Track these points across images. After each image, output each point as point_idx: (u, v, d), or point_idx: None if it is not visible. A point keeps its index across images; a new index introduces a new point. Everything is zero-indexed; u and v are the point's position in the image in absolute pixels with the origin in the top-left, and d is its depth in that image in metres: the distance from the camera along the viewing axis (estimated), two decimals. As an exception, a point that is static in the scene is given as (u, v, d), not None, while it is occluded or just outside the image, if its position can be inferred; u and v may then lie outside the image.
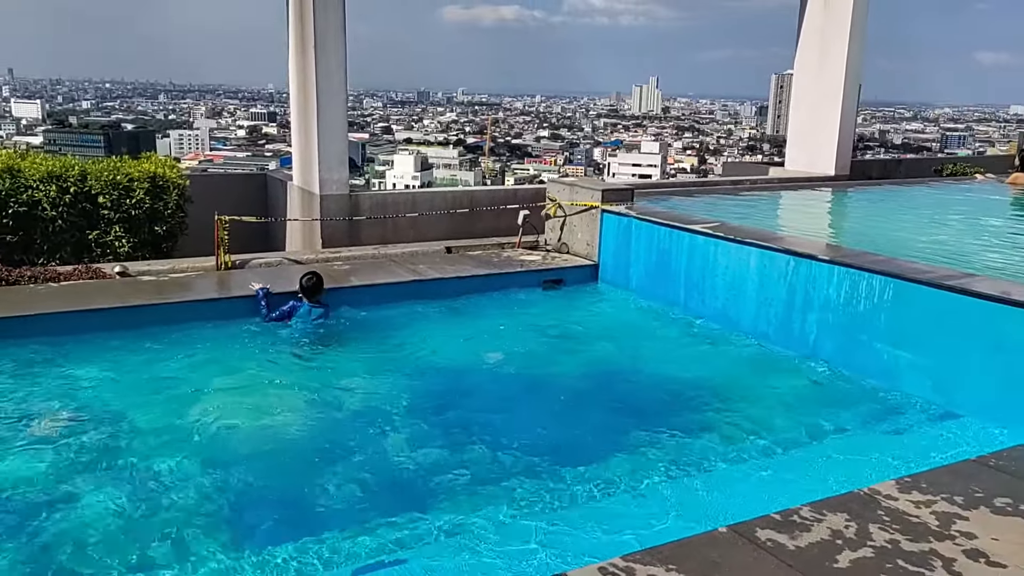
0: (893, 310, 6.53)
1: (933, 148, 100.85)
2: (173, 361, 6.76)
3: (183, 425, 5.66)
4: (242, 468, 5.13)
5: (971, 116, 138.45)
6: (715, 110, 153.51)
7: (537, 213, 10.43)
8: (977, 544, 3.55)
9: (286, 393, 6.32)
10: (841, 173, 13.65)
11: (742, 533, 3.58)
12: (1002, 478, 4.19)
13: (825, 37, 13.54)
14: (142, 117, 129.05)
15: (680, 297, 8.62)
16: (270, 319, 7.69)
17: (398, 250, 9.91)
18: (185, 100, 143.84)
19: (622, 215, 9.40)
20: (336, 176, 10.73)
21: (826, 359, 7.01)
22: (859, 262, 6.88)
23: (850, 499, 3.95)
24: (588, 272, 9.67)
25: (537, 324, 8.24)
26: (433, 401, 6.26)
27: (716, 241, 8.16)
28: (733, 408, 6.23)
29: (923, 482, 4.13)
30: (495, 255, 9.97)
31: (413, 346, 7.42)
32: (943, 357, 6.18)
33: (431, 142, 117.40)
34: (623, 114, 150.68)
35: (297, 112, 11.26)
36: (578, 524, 4.49)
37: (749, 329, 7.79)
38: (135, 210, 9.43)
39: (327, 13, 10.31)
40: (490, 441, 5.50)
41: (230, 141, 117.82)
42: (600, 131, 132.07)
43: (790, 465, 5.29)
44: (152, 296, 7.81)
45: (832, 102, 13.52)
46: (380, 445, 5.48)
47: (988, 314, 5.86)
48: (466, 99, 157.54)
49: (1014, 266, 7.80)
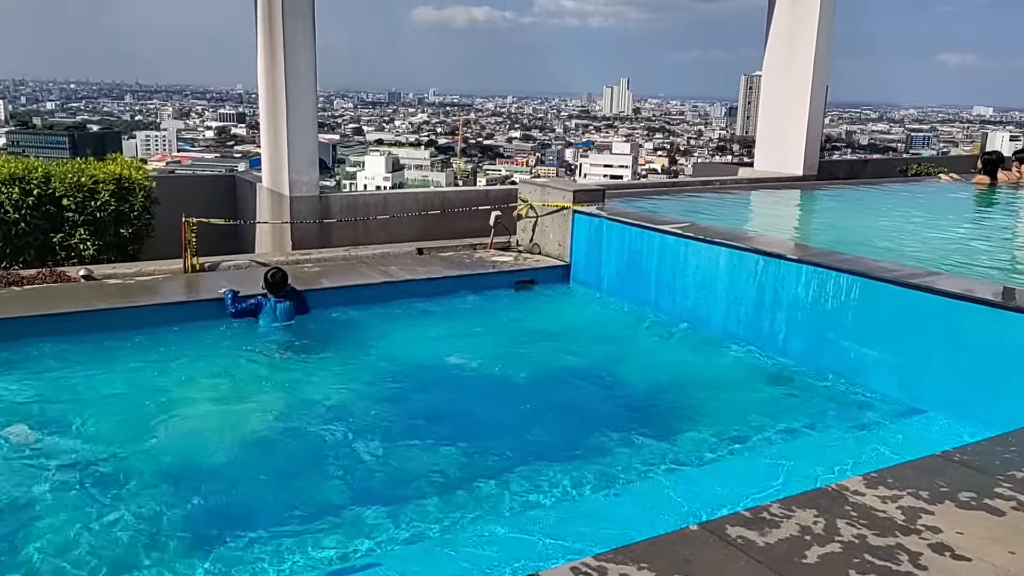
0: (860, 308, 6.61)
1: (899, 148, 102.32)
2: (139, 366, 6.67)
3: (149, 430, 5.58)
4: (208, 472, 5.08)
5: (935, 117, 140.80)
6: (685, 111, 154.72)
7: (509, 214, 10.44)
8: (942, 538, 3.60)
9: (255, 397, 6.26)
10: (809, 173, 13.80)
11: (713, 531, 3.61)
12: (966, 473, 4.26)
13: (792, 39, 13.69)
14: (108, 118, 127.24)
15: (651, 297, 8.67)
16: (235, 313, 7.65)
17: (369, 252, 9.86)
18: (152, 101, 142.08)
19: (593, 216, 9.43)
20: (306, 177, 10.65)
21: (795, 357, 7.09)
22: (827, 261, 6.96)
23: (818, 495, 3.99)
24: (560, 272, 9.69)
25: (509, 325, 8.24)
26: (403, 403, 6.25)
27: (686, 241, 8.22)
28: (703, 406, 6.28)
29: (889, 477, 4.18)
30: (467, 256, 9.96)
31: (384, 348, 7.39)
32: (909, 354, 6.27)
33: (402, 143, 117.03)
34: (594, 115, 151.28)
35: (266, 113, 11.17)
36: (550, 524, 4.50)
37: (719, 328, 7.85)
38: (100, 212, 9.29)
39: (296, 13, 10.23)
40: (461, 443, 5.50)
41: (198, 142, 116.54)
42: (572, 132, 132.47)
43: (760, 462, 5.34)
44: (118, 300, 7.70)
45: (800, 103, 13.67)
46: (349, 448, 5.45)
47: (952, 312, 5.96)
48: (437, 100, 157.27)
49: (979, 264, 7.94)
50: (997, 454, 4.49)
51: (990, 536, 3.62)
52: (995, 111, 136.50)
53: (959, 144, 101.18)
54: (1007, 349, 5.64)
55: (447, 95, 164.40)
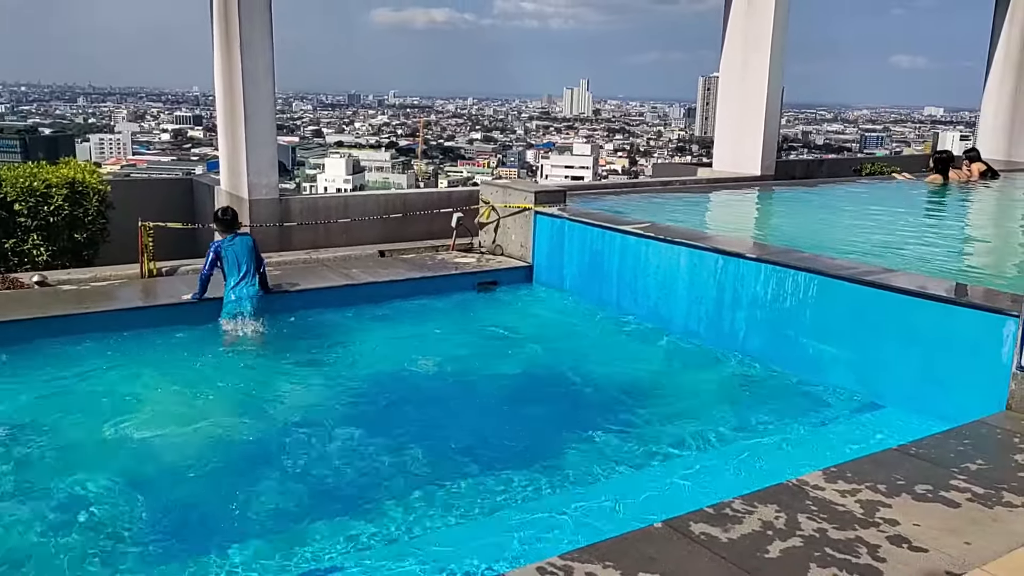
0: (817, 306, 6.72)
1: (853, 148, 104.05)
2: (96, 373, 6.56)
3: (107, 438, 5.49)
4: (168, 480, 5.01)
5: (888, 117, 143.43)
6: (645, 112, 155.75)
7: (471, 215, 10.43)
8: (900, 530, 3.68)
9: (215, 402, 6.18)
10: (766, 173, 13.99)
11: (677, 528, 3.65)
12: (922, 465, 4.36)
13: (748, 42, 13.87)
14: (60, 121, 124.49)
15: (613, 297, 8.72)
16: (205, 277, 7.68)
17: (330, 254, 9.78)
18: (106, 103, 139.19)
19: (555, 216, 9.47)
20: (265, 180, 10.54)
21: (755, 355, 7.18)
22: (784, 259, 7.07)
23: (779, 490, 4.05)
24: (522, 273, 9.71)
25: (472, 326, 8.24)
26: (367, 406, 6.21)
27: (647, 241, 8.29)
28: (666, 405, 6.34)
29: (848, 472, 4.26)
30: (429, 258, 9.93)
31: (346, 351, 7.35)
32: (865, 350, 6.39)
33: (363, 145, 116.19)
34: (555, 116, 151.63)
35: (224, 115, 11.02)
36: (515, 524, 4.51)
37: (681, 327, 7.93)
38: (53, 217, 9.10)
39: (252, 15, 10.11)
40: (426, 445, 5.48)
41: (154, 145, 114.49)
42: (532, 133, 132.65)
43: (722, 459, 5.40)
44: (73, 306, 7.55)
45: (756, 104, 13.86)
46: (313, 451, 5.40)
47: (906, 308, 6.09)
48: (398, 102, 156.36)
49: (934, 259, 8.12)
50: (951, 447, 4.60)
51: (946, 527, 3.71)
52: (945, 111, 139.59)
53: (911, 144, 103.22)
54: (958, 344, 5.78)
55: (407, 97, 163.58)
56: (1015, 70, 16.69)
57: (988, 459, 4.45)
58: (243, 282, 7.67)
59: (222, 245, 7.75)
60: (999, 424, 4.96)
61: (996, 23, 16.94)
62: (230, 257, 7.71)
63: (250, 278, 7.71)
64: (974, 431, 4.87)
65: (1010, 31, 16.67)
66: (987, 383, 5.42)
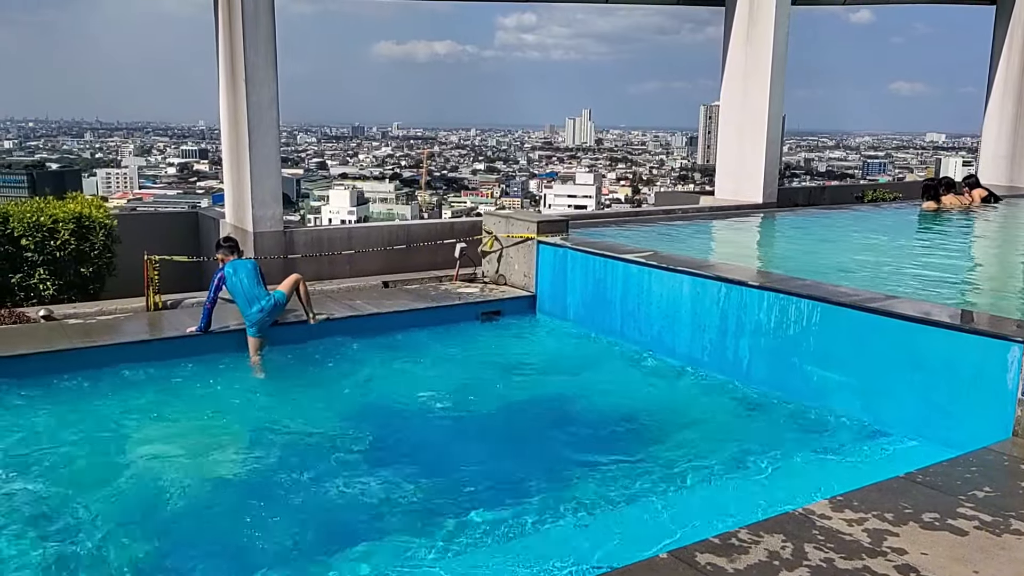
0: (821, 333, 6.72)
1: (856, 175, 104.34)
2: (103, 407, 6.57)
3: (116, 473, 5.49)
4: (171, 514, 5.00)
5: (890, 144, 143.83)
6: (647, 141, 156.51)
7: (474, 246, 10.48)
8: (908, 559, 3.65)
9: (220, 435, 6.19)
10: (769, 201, 14.05)
11: (682, 558, 3.62)
12: (929, 493, 4.33)
13: (747, 71, 14.01)
14: (68, 156, 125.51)
15: (617, 325, 8.72)
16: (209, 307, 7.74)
17: (334, 286, 9.82)
18: (112, 138, 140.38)
19: (558, 246, 9.50)
20: (270, 213, 10.63)
21: (759, 383, 7.16)
22: (787, 287, 7.07)
23: (786, 520, 4.03)
24: (526, 303, 9.73)
25: (476, 356, 8.24)
26: (371, 437, 6.20)
27: (650, 270, 8.31)
28: (671, 434, 6.32)
29: (855, 500, 4.24)
30: (433, 288, 9.96)
31: (351, 382, 7.35)
32: (870, 377, 6.37)
33: (367, 176, 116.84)
34: (557, 146, 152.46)
35: (229, 149, 11.14)
36: (520, 555, 4.48)
37: (684, 355, 7.92)
38: (60, 252, 9.17)
39: (257, 49, 10.26)
40: (429, 475, 5.47)
41: (160, 179, 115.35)
42: (535, 163, 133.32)
43: (728, 488, 5.37)
44: (79, 340, 7.58)
45: (757, 132, 13.96)
46: (318, 483, 5.39)
47: (910, 334, 6.07)
48: (401, 133, 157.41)
49: (944, 285, 8.12)
50: (958, 474, 4.57)
51: (954, 556, 3.68)
52: (947, 137, 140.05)
53: (914, 170, 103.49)
54: (963, 371, 5.76)
55: (411, 128, 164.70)
56: (1015, 96, 16.79)
57: (995, 486, 4.42)
58: (259, 299, 7.77)
59: (226, 271, 7.81)
60: (1005, 451, 4.94)
61: (995, 49, 17.08)
62: (238, 279, 7.78)
63: (264, 292, 7.80)
64: (980, 458, 4.85)
65: (1009, 57, 16.80)
66: (993, 410, 5.40)
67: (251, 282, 7.79)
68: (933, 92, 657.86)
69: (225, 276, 7.82)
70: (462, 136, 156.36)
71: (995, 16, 17.13)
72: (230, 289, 7.84)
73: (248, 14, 10.11)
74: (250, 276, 7.81)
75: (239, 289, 7.78)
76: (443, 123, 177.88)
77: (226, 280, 7.81)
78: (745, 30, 14.00)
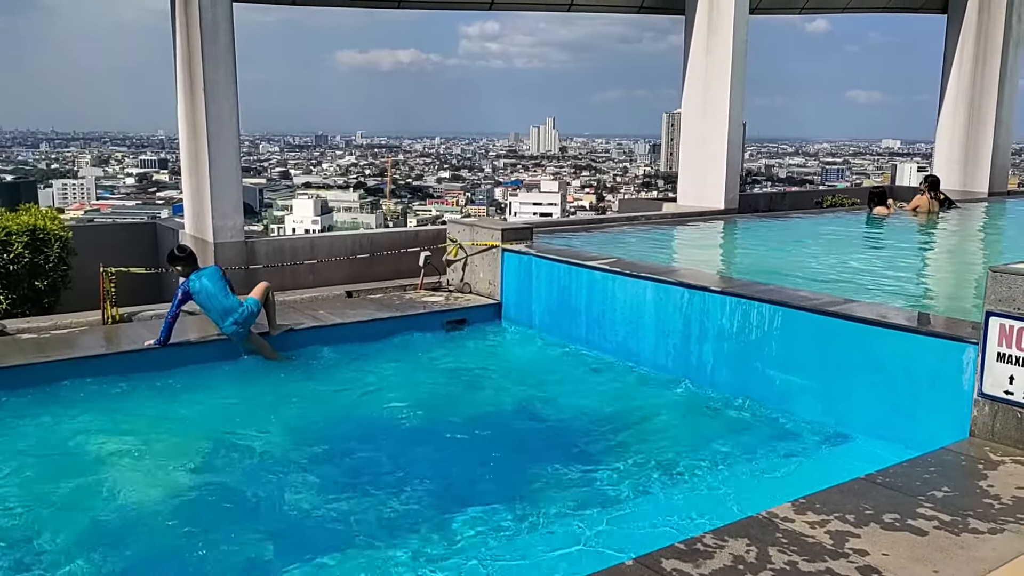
0: (782, 337, 6.79)
1: (815, 181, 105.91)
2: (58, 424, 6.41)
3: (69, 489, 5.35)
4: (127, 531, 4.89)
5: (847, 150, 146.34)
6: (611, 148, 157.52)
7: (438, 254, 10.44)
8: (869, 560, 3.68)
9: (180, 449, 6.07)
10: (730, 207, 14.21)
11: (648, 565, 3.62)
12: (889, 494, 4.38)
13: (708, 80, 14.17)
14: (22, 167, 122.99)
15: (582, 332, 8.74)
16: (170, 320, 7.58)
17: (297, 296, 9.72)
18: (69, 148, 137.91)
19: (522, 253, 9.50)
20: (231, 223, 10.50)
21: (723, 387, 7.21)
22: (748, 292, 7.14)
23: (750, 523, 4.05)
24: (491, 311, 9.71)
25: (441, 365, 8.19)
26: (335, 448, 6.13)
27: (614, 276, 8.34)
28: (636, 440, 6.33)
29: (817, 503, 4.27)
30: (397, 298, 9.90)
31: (314, 393, 7.26)
32: (831, 380, 6.45)
33: (331, 186, 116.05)
34: (522, 154, 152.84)
35: (188, 159, 10.99)
36: (486, 564, 4.45)
37: (649, 361, 7.95)
38: (13, 265, 8.96)
39: (216, 59, 10.14)
40: (394, 487, 5.42)
41: (118, 189, 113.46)
42: (500, 171, 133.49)
43: (693, 492, 5.40)
44: (33, 355, 7.41)
45: (718, 139, 14.12)
46: (279, 497, 5.31)
47: (868, 337, 6.17)
48: (365, 142, 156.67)
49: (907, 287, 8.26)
50: (917, 475, 4.64)
51: (914, 556, 3.73)
52: (902, 143, 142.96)
53: (871, 176, 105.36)
54: (920, 372, 5.85)
55: (375, 137, 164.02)
56: (967, 102, 17.19)
57: (953, 486, 4.49)
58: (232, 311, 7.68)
59: (191, 287, 7.69)
60: (963, 451, 5.02)
61: (947, 57, 17.48)
62: (206, 293, 7.67)
63: (236, 301, 7.71)
64: (939, 459, 4.92)
65: (961, 64, 17.20)
66: (950, 410, 5.49)
67: (220, 292, 7.70)
68: (888, 100, 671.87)
69: (191, 292, 7.68)
70: (427, 144, 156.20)
71: (947, 25, 17.54)
72: (200, 304, 7.73)
73: (207, 24, 9.99)
74: (216, 285, 7.71)
75: (209, 303, 7.69)
76: (408, 131, 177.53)
77: (193, 296, 7.68)
78: (705, 39, 14.16)
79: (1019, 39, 16.98)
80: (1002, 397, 5.02)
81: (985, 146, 17.07)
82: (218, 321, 7.73)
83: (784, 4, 17.12)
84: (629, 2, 15.43)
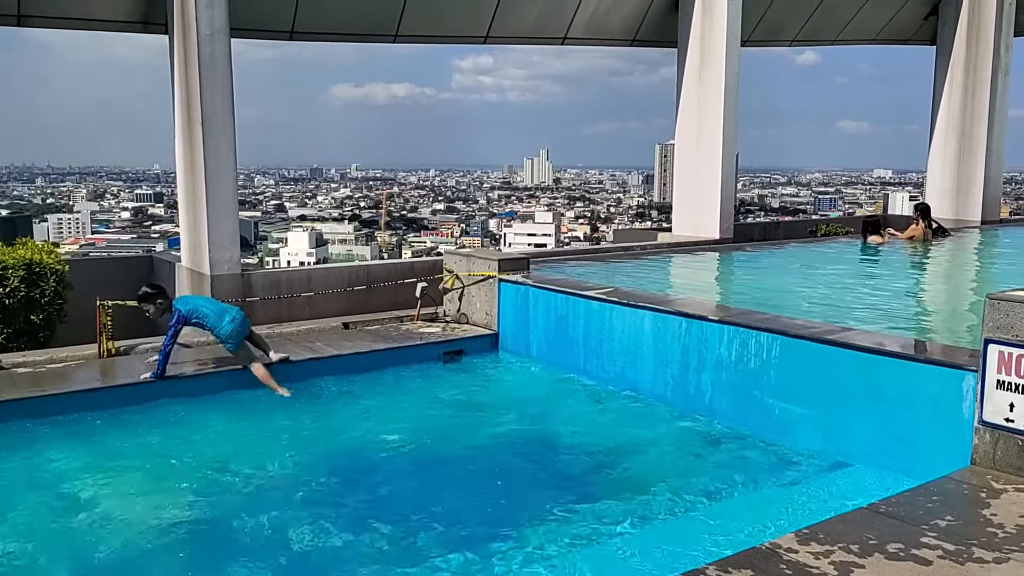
0: (781, 366, 6.77)
1: (808, 210, 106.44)
2: (53, 458, 6.35)
3: (65, 523, 5.30)
4: (130, 565, 4.82)
5: (839, 180, 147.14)
6: (604, 180, 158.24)
7: (435, 285, 10.44)
8: (874, 590, 3.65)
9: (175, 483, 6.01)
10: (725, 236, 14.25)
11: (651, 597, 3.58)
12: (892, 524, 4.35)
13: (701, 112, 14.29)
14: (18, 202, 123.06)
15: (580, 362, 8.72)
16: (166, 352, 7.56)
17: (293, 328, 9.70)
18: (65, 183, 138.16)
19: (519, 284, 9.51)
20: (227, 255, 10.49)
21: (722, 417, 7.19)
22: (747, 321, 7.14)
23: (753, 555, 4.01)
24: (488, 341, 9.69)
25: (438, 396, 8.16)
26: (332, 480, 6.08)
27: (611, 306, 8.34)
28: (636, 471, 6.29)
29: (820, 533, 4.24)
30: (394, 329, 9.88)
31: (311, 425, 7.22)
32: (830, 409, 6.43)
33: (326, 218, 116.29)
34: (516, 186, 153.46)
35: (185, 192, 11.02)
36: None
37: (647, 391, 7.93)
38: (9, 299, 8.92)
39: (214, 95, 10.20)
40: (391, 520, 5.37)
41: (114, 223, 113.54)
42: (495, 203, 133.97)
43: (694, 523, 5.35)
44: (28, 389, 7.36)
45: (712, 170, 14.19)
46: (275, 529, 5.25)
47: (867, 366, 6.16)
48: (360, 175, 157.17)
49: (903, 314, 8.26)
50: (920, 504, 4.61)
51: (919, 585, 3.69)
52: (894, 173, 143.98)
53: (863, 205, 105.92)
54: (920, 400, 5.84)
55: (370, 169, 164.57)
56: (957, 132, 17.32)
57: (957, 515, 4.46)
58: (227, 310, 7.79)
59: (181, 311, 7.69)
60: (965, 479, 4.99)
61: (936, 87, 17.65)
62: (196, 304, 7.77)
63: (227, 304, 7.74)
64: (941, 487, 4.90)
65: (950, 94, 17.36)
66: (951, 438, 5.47)
67: (209, 300, 7.78)
68: (878, 130, 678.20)
69: (186, 314, 7.70)
70: (421, 176, 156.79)
71: (935, 56, 17.74)
72: (197, 318, 7.72)
73: (205, 60, 10.06)
74: (204, 297, 7.79)
75: (205, 310, 7.74)
76: (402, 164, 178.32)
77: (188, 316, 7.70)
78: (697, 71, 14.30)
79: (1007, 69, 17.18)
80: (1003, 425, 5.00)
81: (977, 175, 17.17)
82: (216, 324, 7.72)
83: (775, 36, 17.32)
84: (623, 35, 15.59)
